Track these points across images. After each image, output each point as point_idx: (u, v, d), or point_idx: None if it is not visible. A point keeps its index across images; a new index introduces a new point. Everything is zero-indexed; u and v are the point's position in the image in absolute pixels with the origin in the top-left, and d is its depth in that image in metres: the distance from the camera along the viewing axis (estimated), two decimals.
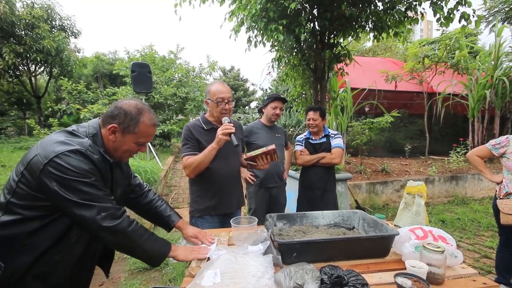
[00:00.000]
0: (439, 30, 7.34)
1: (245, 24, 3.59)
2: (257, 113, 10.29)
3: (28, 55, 9.68)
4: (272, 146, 1.84)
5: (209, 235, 1.48)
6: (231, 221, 1.57)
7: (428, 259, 1.15)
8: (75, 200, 0.96)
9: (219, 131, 1.70)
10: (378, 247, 1.35)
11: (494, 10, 10.45)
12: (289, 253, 1.27)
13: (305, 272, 1.07)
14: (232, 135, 1.70)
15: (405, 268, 1.19)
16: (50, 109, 10.91)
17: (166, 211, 1.45)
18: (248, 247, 1.31)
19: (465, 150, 5.81)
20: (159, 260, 1.20)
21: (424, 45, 9.17)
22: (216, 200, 1.87)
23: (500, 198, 2.25)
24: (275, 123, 2.76)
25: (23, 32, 9.55)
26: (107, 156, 1.11)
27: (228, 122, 1.74)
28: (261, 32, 3.57)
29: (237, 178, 2.02)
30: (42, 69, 11.71)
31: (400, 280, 1.07)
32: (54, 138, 1.02)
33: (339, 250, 1.32)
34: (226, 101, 1.79)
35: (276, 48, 4.19)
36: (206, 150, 1.74)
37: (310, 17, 3.68)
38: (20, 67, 10.74)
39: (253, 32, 3.73)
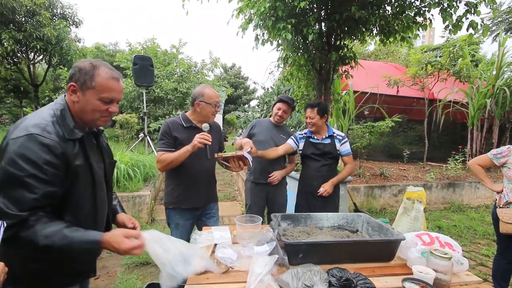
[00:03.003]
0: (443, 37, 7.36)
1: (253, 21, 3.57)
2: (257, 112, 10.27)
3: (27, 43, 9.50)
4: (240, 153, 1.92)
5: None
6: (235, 219, 1.56)
7: (435, 265, 1.16)
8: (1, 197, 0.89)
9: (197, 138, 1.80)
10: (384, 251, 1.35)
11: (498, 20, 10.52)
12: (295, 254, 1.26)
13: (313, 274, 1.07)
14: (207, 146, 1.82)
15: (410, 273, 1.19)
16: (47, 98, 10.75)
17: (114, 202, 1.37)
18: (254, 247, 1.31)
19: (463, 158, 5.85)
20: (88, 257, 1.07)
21: (426, 52, 9.20)
22: (186, 194, 1.99)
23: (500, 207, 2.26)
24: (284, 124, 2.76)
25: (23, 19, 9.38)
26: (78, 130, 1.05)
27: (207, 131, 1.88)
28: (269, 30, 3.55)
29: (210, 175, 2.13)
30: (41, 57, 11.54)
31: (408, 285, 1.07)
32: (19, 121, 1.01)
33: (346, 252, 1.31)
34: (218, 104, 1.99)
35: (282, 47, 4.18)
36: (181, 151, 1.86)
37: (318, 17, 3.67)
38: (19, 54, 10.57)
39: (260, 30, 3.70)
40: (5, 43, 8.75)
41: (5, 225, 0.85)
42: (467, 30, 3.07)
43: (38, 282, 1.04)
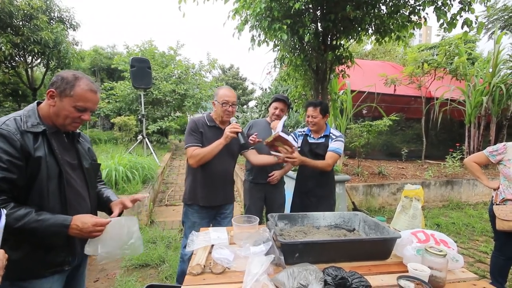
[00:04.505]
0: (439, 35, 7.40)
1: (249, 22, 3.58)
2: (256, 113, 10.28)
3: (25, 46, 9.51)
4: (276, 134, 1.96)
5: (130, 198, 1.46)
6: (232, 220, 1.57)
7: (430, 263, 1.16)
8: None
9: (228, 129, 1.89)
10: (380, 249, 1.36)
11: (494, 17, 10.57)
12: (291, 254, 1.27)
13: (309, 273, 1.07)
14: (239, 134, 1.91)
15: (406, 271, 1.20)
16: None
17: (107, 193, 1.46)
18: (250, 248, 1.31)
19: (461, 156, 5.87)
20: (56, 239, 1.13)
21: (423, 50, 9.24)
22: (204, 192, 2.05)
23: (496, 204, 2.27)
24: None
25: (21, 23, 9.37)
26: (42, 126, 1.13)
27: (236, 123, 1.95)
28: (265, 31, 3.56)
29: (228, 176, 2.17)
30: (39, 61, 11.53)
31: (403, 282, 1.08)
32: None
33: (342, 251, 1.32)
34: (230, 104, 2.01)
35: (279, 47, 4.19)
36: (213, 144, 1.92)
37: (314, 18, 3.68)
38: (17, 58, 10.55)
39: (256, 31, 3.72)
40: (2, 47, 8.75)
41: (5, 211, 0.91)
42: (462, 28, 3.10)
43: (10, 270, 1.04)
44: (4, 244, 1.02)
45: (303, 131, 2.53)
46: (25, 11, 8.98)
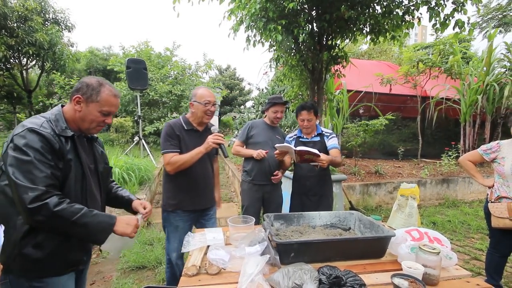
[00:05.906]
0: (433, 35, 7.47)
1: (244, 23, 3.58)
2: (253, 113, 10.28)
3: (20, 48, 9.45)
4: (297, 150, 2.05)
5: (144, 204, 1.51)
6: (228, 220, 1.57)
7: (423, 260, 1.17)
8: (13, 179, 1.02)
9: (210, 139, 1.85)
10: (375, 248, 1.36)
11: (488, 17, 10.67)
12: (287, 253, 1.27)
13: (304, 272, 1.07)
14: (222, 145, 1.88)
15: (401, 269, 1.21)
16: (41, 103, 10.67)
17: (125, 193, 1.55)
18: (246, 248, 1.31)
19: (457, 154, 5.92)
20: (102, 235, 1.18)
21: (418, 50, 9.31)
22: (189, 196, 2.01)
23: (491, 202, 2.29)
24: (278, 125, 2.81)
25: (15, 25, 9.31)
26: (70, 130, 1.19)
27: (218, 132, 1.91)
28: (260, 31, 3.57)
29: (209, 179, 2.16)
30: (34, 62, 11.46)
31: (396, 280, 1.09)
32: (21, 123, 1.15)
33: (337, 250, 1.33)
34: (212, 103, 1.99)
35: (274, 48, 4.20)
36: (193, 152, 1.89)
37: (309, 18, 3.70)
38: (12, 60, 10.47)
39: (252, 32, 3.72)
40: None
41: (3, 227, 0.95)
42: (454, 29, 3.13)
43: (30, 269, 1.11)
44: (28, 243, 1.09)
45: (294, 135, 2.57)
46: (20, 13, 8.92)
